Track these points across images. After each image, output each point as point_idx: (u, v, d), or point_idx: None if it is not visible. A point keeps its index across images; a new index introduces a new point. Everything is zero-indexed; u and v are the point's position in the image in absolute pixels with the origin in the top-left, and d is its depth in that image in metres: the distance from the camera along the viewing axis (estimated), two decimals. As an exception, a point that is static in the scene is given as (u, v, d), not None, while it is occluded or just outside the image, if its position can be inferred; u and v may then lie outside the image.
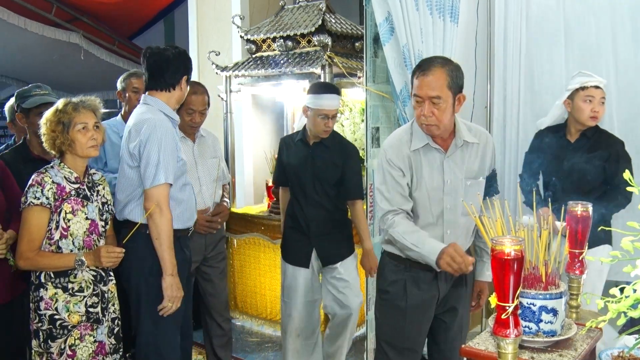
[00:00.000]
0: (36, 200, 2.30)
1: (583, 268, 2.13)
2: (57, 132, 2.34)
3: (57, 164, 2.41)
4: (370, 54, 3.26)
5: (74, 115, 2.36)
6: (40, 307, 2.34)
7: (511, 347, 1.62)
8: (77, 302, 2.38)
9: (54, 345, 2.34)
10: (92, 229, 2.44)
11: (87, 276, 2.41)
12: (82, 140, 2.36)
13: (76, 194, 2.40)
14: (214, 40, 4.98)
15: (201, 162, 3.23)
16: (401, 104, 3.19)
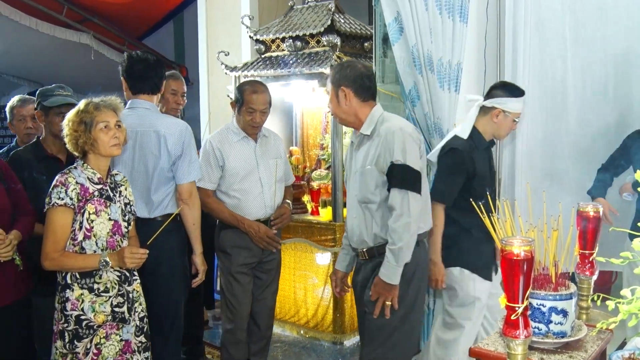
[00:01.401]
0: (60, 201, 2.30)
1: (593, 269, 2.12)
2: (79, 131, 2.35)
3: (80, 164, 2.42)
4: (379, 54, 3.26)
5: (96, 114, 2.36)
6: (66, 307, 2.35)
7: (521, 348, 1.62)
8: (102, 303, 2.39)
9: (80, 345, 2.35)
10: (116, 229, 2.45)
11: (112, 277, 2.42)
12: (105, 139, 2.36)
13: (99, 194, 2.41)
14: (223, 40, 4.99)
15: (263, 162, 3.12)
16: (410, 104, 3.19)
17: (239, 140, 3.08)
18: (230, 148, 3.06)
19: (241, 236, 3.06)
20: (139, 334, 2.52)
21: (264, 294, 3.21)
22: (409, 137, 2.43)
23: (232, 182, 3.05)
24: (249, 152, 3.09)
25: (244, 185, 3.05)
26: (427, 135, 3.24)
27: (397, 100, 3.34)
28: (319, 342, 3.95)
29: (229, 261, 3.08)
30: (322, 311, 3.93)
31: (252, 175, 3.06)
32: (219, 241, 3.12)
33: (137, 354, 2.50)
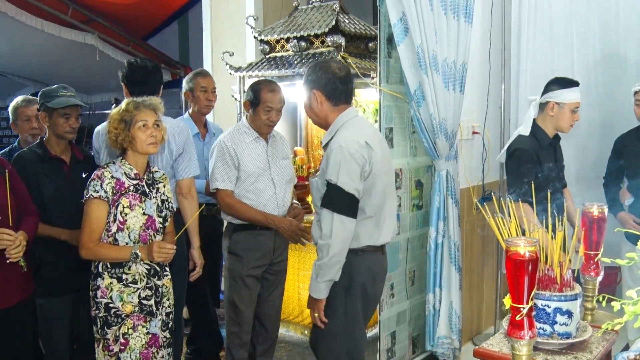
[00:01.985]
0: (95, 194, 2.43)
1: (598, 270, 2.11)
2: (119, 129, 2.47)
3: (118, 160, 2.54)
4: (384, 54, 3.25)
5: (135, 113, 2.47)
6: (97, 295, 2.48)
7: (525, 349, 1.62)
8: (130, 293, 2.49)
9: (110, 332, 2.47)
10: (149, 224, 2.54)
11: (141, 269, 2.52)
12: (142, 137, 2.48)
13: (134, 189, 2.51)
14: (227, 40, 5.00)
15: (274, 163, 3.11)
16: (415, 105, 3.19)
17: (252, 140, 3.06)
18: (244, 148, 3.04)
19: (255, 239, 3.04)
20: (164, 329, 2.61)
21: (272, 295, 3.19)
22: (347, 157, 2.33)
23: (247, 183, 3.03)
24: (261, 153, 3.08)
25: (258, 186, 3.04)
26: (432, 136, 3.24)
27: (402, 101, 3.33)
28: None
29: (241, 264, 3.04)
30: (326, 311, 3.93)
31: (264, 176, 3.05)
32: (231, 243, 3.08)
33: (162, 349, 2.59)
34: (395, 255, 3.40)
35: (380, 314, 3.32)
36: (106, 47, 6.01)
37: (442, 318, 3.40)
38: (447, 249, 3.36)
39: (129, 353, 2.49)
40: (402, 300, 3.49)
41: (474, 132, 3.79)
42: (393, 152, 3.33)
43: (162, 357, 2.58)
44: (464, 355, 3.54)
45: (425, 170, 3.59)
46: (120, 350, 2.48)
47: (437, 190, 3.34)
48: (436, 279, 3.39)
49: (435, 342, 3.44)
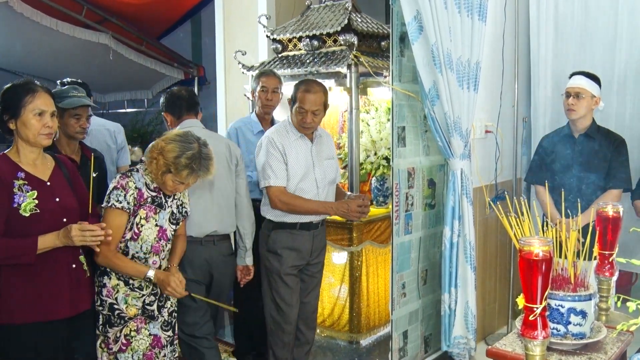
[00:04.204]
0: (118, 204, 2.43)
1: (613, 270, 2.09)
2: (159, 165, 2.46)
3: (142, 169, 2.54)
4: (397, 53, 3.24)
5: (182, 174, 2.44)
6: (102, 292, 2.50)
7: (539, 349, 1.61)
8: (135, 297, 2.52)
9: (111, 332, 2.50)
10: (161, 235, 2.56)
11: None
12: (170, 185, 2.49)
13: (152, 201, 2.53)
14: (240, 39, 5.01)
15: (318, 163, 3.09)
16: (430, 103, 3.17)
17: (297, 138, 3.05)
18: (290, 146, 3.01)
19: (293, 237, 3.05)
20: (167, 329, 2.64)
21: (309, 297, 3.18)
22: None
23: (292, 182, 3.00)
24: (306, 152, 3.05)
25: (302, 185, 3.02)
26: (447, 135, 3.23)
27: (414, 100, 3.32)
28: (335, 341, 3.95)
29: (279, 262, 3.04)
30: (338, 310, 3.93)
31: (308, 176, 3.03)
32: (270, 242, 3.08)
33: (164, 348, 2.62)
34: (407, 254, 3.39)
35: (392, 313, 3.31)
36: (120, 47, 6.05)
37: (458, 318, 3.38)
38: (462, 248, 3.35)
39: (130, 354, 2.51)
40: (414, 299, 3.48)
41: (487, 131, 3.77)
42: (405, 151, 3.33)
43: (164, 356, 2.62)
44: (477, 355, 3.52)
45: (437, 169, 3.58)
46: (120, 350, 2.50)
47: (452, 189, 3.33)
48: (452, 278, 3.38)
49: (451, 342, 3.43)
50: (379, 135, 4.07)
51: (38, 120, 2.23)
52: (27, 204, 2.22)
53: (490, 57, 3.65)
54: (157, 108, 8.12)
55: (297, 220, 3.05)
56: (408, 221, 3.37)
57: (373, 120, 4.13)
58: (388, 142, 3.90)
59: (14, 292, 2.23)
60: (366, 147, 4.06)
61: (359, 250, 3.81)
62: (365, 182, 4.27)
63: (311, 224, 3.09)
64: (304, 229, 3.05)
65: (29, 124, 2.22)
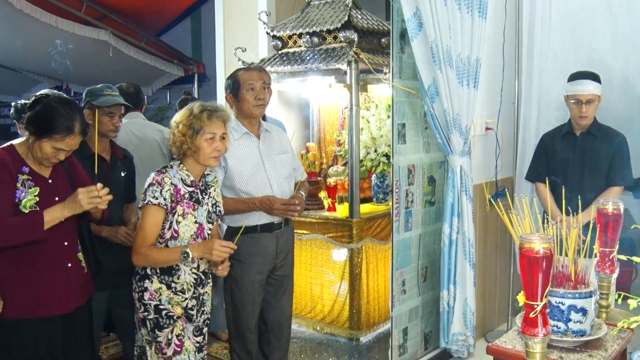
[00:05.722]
0: (154, 200, 2.34)
1: (614, 267, 2.09)
2: (186, 136, 2.38)
3: (176, 164, 2.46)
4: (397, 49, 3.24)
5: (207, 123, 2.38)
6: (144, 297, 2.40)
7: (539, 347, 1.61)
8: (179, 301, 2.42)
9: (162, 335, 2.39)
10: (199, 232, 2.47)
11: (189, 279, 2.45)
12: (207, 150, 2.39)
13: (189, 197, 2.44)
14: (240, 36, 5.00)
15: (268, 159, 2.94)
16: (429, 100, 3.17)
17: (240, 137, 2.89)
18: (231, 147, 2.77)
19: (255, 241, 2.90)
20: (197, 334, 2.52)
21: (280, 302, 3.05)
22: None
23: (240, 183, 2.87)
24: (252, 150, 2.91)
25: (251, 185, 2.87)
26: (446, 132, 3.22)
27: (414, 96, 3.32)
28: (335, 338, 3.95)
29: (242, 269, 2.89)
30: (338, 307, 3.94)
31: (258, 174, 2.88)
32: None
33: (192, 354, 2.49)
34: (407, 251, 3.39)
35: (392, 310, 3.31)
36: (119, 44, 6.05)
37: (457, 315, 3.39)
38: (461, 245, 3.35)
39: (186, 355, 2.42)
40: (414, 296, 3.48)
41: (487, 128, 3.77)
42: (406, 148, 3.32)
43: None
44: (477, 352, 3.53)
45: (437, 166, 3.57)
46: (175, 352, 2.40)
47: (451, 186, 3.33)
48: (450, 275, 3.38)
49: (450, 339, 3.43)
50: (379, 132, 4.07)
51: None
52: (28, 201, 2.22)
53: (491, 53, 3.65)
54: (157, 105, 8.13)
55: (257, 222, 2.90)
56: (408, 218, 3.37)
57: (373, 117, 4.12)
58: (388, 139, 3.89)
59: (9, 288, 2.24)
60: (366, 144, 4.06)
61: (359, 247, 3.81)
62: (366, 179, 4.27)
63: (273, 224, 2.93)
64: (265, 230, 2.91)
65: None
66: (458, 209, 3.33)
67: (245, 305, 2.92)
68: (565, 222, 2.01)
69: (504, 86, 3.84)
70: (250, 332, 2.96)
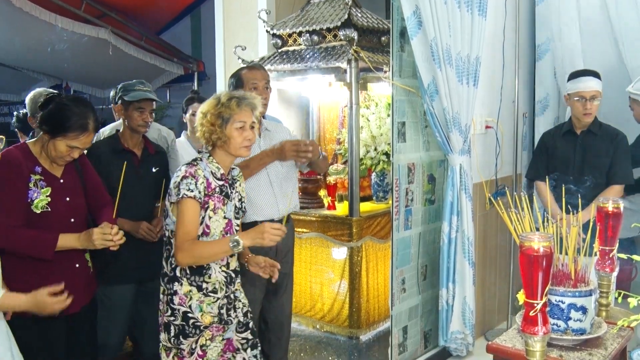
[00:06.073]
0: (190, 193, 2.20)
1: (614, 266, 2.09)
2: (215, 125, 2.25)
3: (205, 157, 2.33)
4: (397, 48, 3.23)
5: (237, 111, 2.26)
6: (173, 300, 2.27)
7: (539, 345, 1.61)
8: (210, 303, 2.30)
9: (186, 343, 2.26)
10: (228, 228, 2.35)
11: (220, 277, 2.34)
12: (238, 139, 2.27)
13: (220, 191, 2.31)
14: (240, 35, 5.00)
15: None
16: (429, 99, 3.17)
17: None
18: None
19: None
20: (242, 330, 2.43)
21: (280, 301, 3.03)
22: None
23: None
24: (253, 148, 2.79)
25: (251, 183, 2.85)
26: (446, 130, 3.22)
27: (414, 95, 3.32)
28: (335, 336, 3.95)
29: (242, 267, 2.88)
30: (338, 306, 3.94)
31: (259, 175, 2.88)
32: None
33: (241, 352, 2.41)
34: (407, 249, 3.39)
35: (392, 308, 3.31)
36: (119, 42, 6.04)
37: (456, 313, 3.39)
38: (460, 243, 3.35)
39: None
40: (414, 295, 3.48)
41: (487, 126, 3.76)
42: (406, 147, 3.32)
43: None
44: (477, 350, 3.53)
45: (437, 164, 3.57)
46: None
47: (450, 184, 3.33)
48: (449, 274, 3.38)
49: (449, 337, 3.43)
50: (379, 130, 4.07)
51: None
52: (40, 201, 2.24)
53: (491, 52, 3.64)
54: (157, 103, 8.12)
55: (256, 218, 2.87)
56: (408, 217, 3.37)
57: (373, 115, 4.12)
58: (388, 138, 3.89)
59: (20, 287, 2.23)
60: (366, 143, 4.06)
61: (358, 245, 3.81)
62: (365, 177, 4.27)
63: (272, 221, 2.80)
64: None
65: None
66: (457, 207, 3.33)
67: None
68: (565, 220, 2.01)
69: (504, 84, 3.83)
70: None
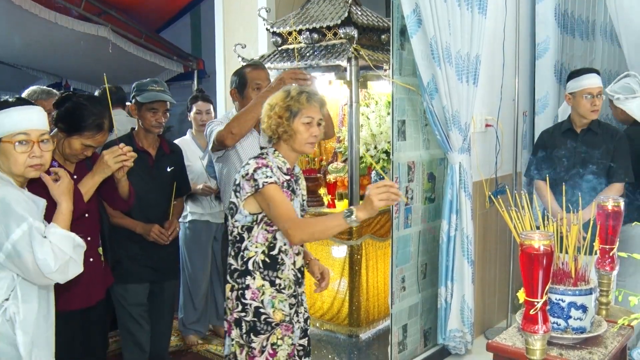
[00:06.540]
0: (269, 179, 2.12)
1: (614, 264, 2.09)
2: (283, 118, 2.18)
3: (271, 151, 2.26)
4: (397, 46, 3.23)
5: (306, 106, 2.19)
6: (245, 295, 2.21)
7: (539, 344, 1.61)
8: (282, 300, 2.25)
9: (257, 341, 2.21)
10: None
11: (291, 275, 2.28)
12: (304, 134, 2.20)
13: (287, 185, 2.24)
14: (240, 33, 4.99)
15: None
16: (428, 97, 3.17)
17: None
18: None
19: None
20: (302, 336, 2.37)
21: None
22: None
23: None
24: (253, 144, 2.91)
25: None
26: (445, 128, 3.22)
27: (415, 93, 3.31)
28: (335, 335, 3.95)
29: None
30: (337, 304, 3.94)
31: None
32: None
33: (298, 359, 2.35)
34: (407, 248, 3.39)
35: (392, 307, 3.31)
36: (119, 40, 6.03)
37: (454, 311, 3.39)
38: (459, 242, 3.35)
39: None
40: (414, 293, 3.48)
41: (487, 124, 3.76)
42: (406, 145, 3.32)
43: None
44: (476, 348, 3.53)
45: (437, 163, 3.57)
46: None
47: (450, 183, 3.33)
48: (448, 272, 3.38)
49: (447, 336, 3.43)
50: (379, 129, 4.06)
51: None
52: None
53: (491, 50, 3.64)
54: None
55: None
56: (408, 215, 3.37)
57: (373, 113, 4.12)
58: (388, 136, 3.89)
59: None
60: (366, 141, 4.05)
61: (358, 244, 3.81)
62: (365, 175, 4.27)
63: None
64: None
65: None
66: (457, 206, 3.33)
67: None
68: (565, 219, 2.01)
69: (503, 83, 3.83)
70: None
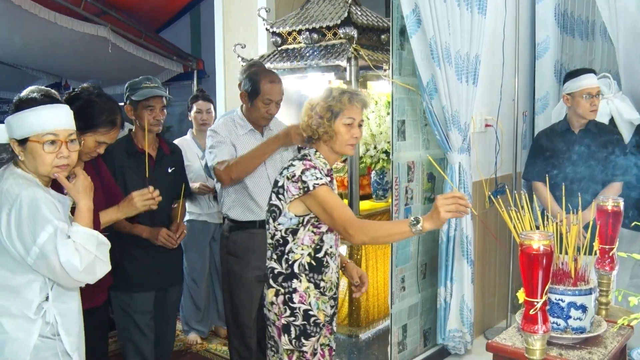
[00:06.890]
0: (320, 181, 2.07)
1: (613, 264, 2.09)
2: (324, 118, 2.15)
3: (312, 152, 2.21)
4: (397, 46, 3.23)
5: (348, 107, 2.15)
6: (293, 299, 2.15)
7: (539, 344, 1.61)
8: (325, 302, 2.21)
9: (308, 344, 2.15)
10: None
11: (334, 278, 2.25)
12: (345, 136, 2.16)
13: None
14: (239, 33, 4.99)
15: (269, 158, 2.92)
16: (428, 97, 3.17)
17: (246, 133, 2.94)
18: (238, 141, 2.91)
19: (253, 238, 2.90)
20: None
21: None
22: None
23: None
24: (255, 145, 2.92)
25: (251, 183, 2.89)
26: (445, 128, 3.22)
27: (414, 93, 3.31)
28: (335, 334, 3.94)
29: (240, 266, 2.90)
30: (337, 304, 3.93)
31: (258, 171, 2.89)
32: (229, 244, 2.96)
33: None
34: (406, 248, 3.39)
35: (392, 307, 3.31)
36: (119, 40, 6.02)
37: (453, 311, 3.39)
38: (459, 242, 3.35)
39: None
40: (414, 293, 3.48)
41: (487, 124, 3.76)
42: (405, 145, 3.32)
43: None
44: (476, 348, 3.53)
45: (437, 163, 3.56)
46: None
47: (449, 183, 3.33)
48: (447, 272, 3.38)
49: (446, 336, 3.44)
50: (379, 129, 4.06)
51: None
52: None
53: (491, 50, 3.64)
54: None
55: (256, 218, 2.90)
56: (407, 215, 3.37)
57: (373, 113, 4.11)
58: (388, 136, 3.89)
59: None
60: (366, 141, 4.05)
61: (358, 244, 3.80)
62: (365, 175, 4.27)
63: None
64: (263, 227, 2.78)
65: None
66: (457, 205, 3.32)
67: (243, 301, 2.92)
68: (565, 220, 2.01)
69: (503, 83, 3.83)
70: (249, 328, 2.95)
